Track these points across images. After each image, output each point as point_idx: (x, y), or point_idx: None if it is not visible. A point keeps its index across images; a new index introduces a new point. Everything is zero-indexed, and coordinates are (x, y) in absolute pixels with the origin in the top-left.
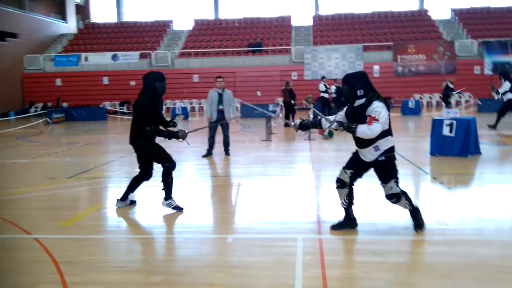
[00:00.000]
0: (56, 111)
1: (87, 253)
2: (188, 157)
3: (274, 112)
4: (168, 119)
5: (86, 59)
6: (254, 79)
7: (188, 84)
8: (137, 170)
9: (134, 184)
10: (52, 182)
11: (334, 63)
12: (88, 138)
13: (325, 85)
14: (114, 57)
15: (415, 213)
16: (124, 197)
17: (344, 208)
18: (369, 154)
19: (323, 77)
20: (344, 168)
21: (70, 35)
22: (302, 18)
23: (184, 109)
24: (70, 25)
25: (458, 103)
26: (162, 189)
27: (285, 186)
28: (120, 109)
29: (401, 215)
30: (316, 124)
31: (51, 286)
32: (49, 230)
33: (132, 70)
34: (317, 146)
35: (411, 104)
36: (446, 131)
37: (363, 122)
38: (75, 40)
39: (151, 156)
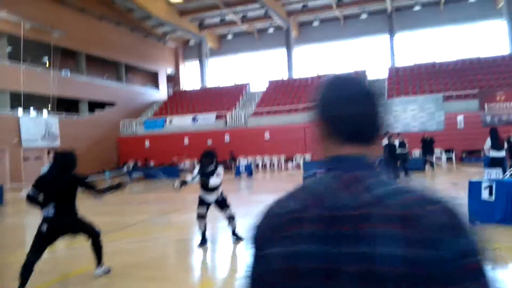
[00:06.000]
0: (136, 170)
1: None
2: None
3: (181, 182)
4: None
5: (170, 122)
6: None
7: (260, 141)
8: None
9: (30, 272)
10: (65, 243)
11: (410, 115)
12: (145, 197)
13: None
14: (194, 119)
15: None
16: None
17: (202, 232)
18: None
19: (386, 132)
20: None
21: (161, 102)
22: (378, 72)
23: (248, 167)
24: (162, 93)
25: None
26: (98, 259)
27: None
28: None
29: None
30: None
31: None
32: None
33: (209, 130)
34: None
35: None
36: (485, 194)
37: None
38: (164, 106)
39: (82, 229)
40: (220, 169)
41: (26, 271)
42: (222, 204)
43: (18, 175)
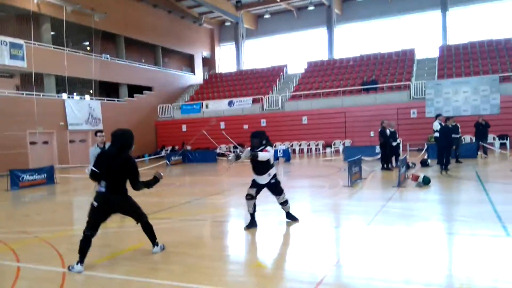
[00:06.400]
0: (174, 154)
1: None
2: None
3: (235, 156)
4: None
5: (206, 106)
6: (366, 118)
7: (297, 125)
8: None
9: (88, 246)
10: (118, 220)
11: (462, 97)
12: (187, 179)
13: (440, 124)
14: (230, 103)
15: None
16: (81, 261)
17: (251, 213)
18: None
19: (438, 115)
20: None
21: (197, 86)
22: (427, 51)
23: (286, 151)
24: (198, 77)
25: None
26: (152, 239)
27: (310, 239)
28: (234, 151)
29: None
30: (239, 157)
31: None
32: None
33: (245, 115)
34: (403, 195)
35: None
36: None
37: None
38: (200, 90)
39: (130, 211)
40: (270, 148)
41: (85, 245)
42: (274, 188)
43: (65, 156)
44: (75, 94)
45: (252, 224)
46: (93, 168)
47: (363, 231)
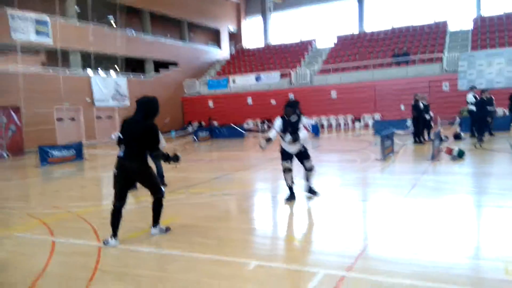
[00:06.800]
0: (202, 130)
1: (124, 264)
2: None
3: (250, 130)
4: None
5: (233, 81)
6: (397, 92)
7: (326, 100)
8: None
9: (119, 219)
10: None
11: (496, 69)
12: (215, 155)
13: (474, 97)
14: (257, 78)
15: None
16: (114, 234)
17: (289, 186)
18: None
19: (472, 87)
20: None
21: (223, 61)
22: (461, 23)
23: (314, 126)
24: (224, 51)
25: None
26: (156, 219)
27: (349, 213)
28: (261, 127)
29: (458, 261)
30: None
31: None
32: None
33: (273, 90)
34: (437, 169)
35: None
36: None
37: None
38: (226, 65)
39: (147, 183)
40: (305, 120)
41: (115, 217)
42: (303, 155)
43: (92, 133)
44: (100, 70)
45: (292, 197)
46: (118, 136)
47: (399, 204)
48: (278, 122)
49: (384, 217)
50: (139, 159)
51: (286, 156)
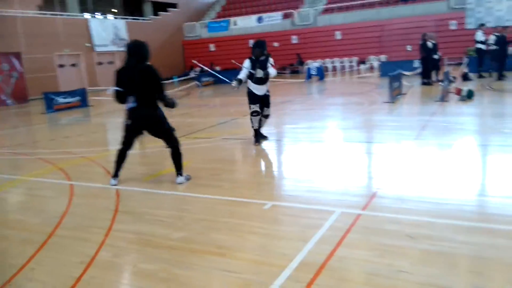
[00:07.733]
0: (205, 75)
1: (144, 206)
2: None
3: (238, 81)
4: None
5: (235, 23)
6: (403, 31)
7: (330, 41)
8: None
9: (123, 160)
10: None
11: (506, 6)
12: (219, 100)
13: (494, 35)
14: (259, 19)
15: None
16: (115, 175)
17: (256, 129)
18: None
19: (481, 25)
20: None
21: (223, 1)
22: None
23: (319, 69)
24: None
25: None
26: (178, 168)
27: (361, 154)
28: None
29: (469, 198)
30: (241, 81)
31: (98, 230)
32: (132, 183)
33: (275, 32)
34: (447, 110)
35: None
36: None
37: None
38: (226, 6)
39: (162, 131)
40: (272, 60)
41: (120, 158)
42: (267, 99)
43: (93, 79)
44: (97, 13)
45: (260, 137)
46: (116, 89)
47: (409, 146)
48: (247, 63)
49: (395, 158)
50: (154, 105)
51: (254, 99)
